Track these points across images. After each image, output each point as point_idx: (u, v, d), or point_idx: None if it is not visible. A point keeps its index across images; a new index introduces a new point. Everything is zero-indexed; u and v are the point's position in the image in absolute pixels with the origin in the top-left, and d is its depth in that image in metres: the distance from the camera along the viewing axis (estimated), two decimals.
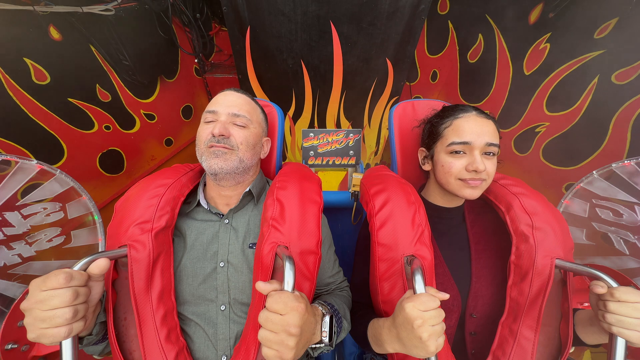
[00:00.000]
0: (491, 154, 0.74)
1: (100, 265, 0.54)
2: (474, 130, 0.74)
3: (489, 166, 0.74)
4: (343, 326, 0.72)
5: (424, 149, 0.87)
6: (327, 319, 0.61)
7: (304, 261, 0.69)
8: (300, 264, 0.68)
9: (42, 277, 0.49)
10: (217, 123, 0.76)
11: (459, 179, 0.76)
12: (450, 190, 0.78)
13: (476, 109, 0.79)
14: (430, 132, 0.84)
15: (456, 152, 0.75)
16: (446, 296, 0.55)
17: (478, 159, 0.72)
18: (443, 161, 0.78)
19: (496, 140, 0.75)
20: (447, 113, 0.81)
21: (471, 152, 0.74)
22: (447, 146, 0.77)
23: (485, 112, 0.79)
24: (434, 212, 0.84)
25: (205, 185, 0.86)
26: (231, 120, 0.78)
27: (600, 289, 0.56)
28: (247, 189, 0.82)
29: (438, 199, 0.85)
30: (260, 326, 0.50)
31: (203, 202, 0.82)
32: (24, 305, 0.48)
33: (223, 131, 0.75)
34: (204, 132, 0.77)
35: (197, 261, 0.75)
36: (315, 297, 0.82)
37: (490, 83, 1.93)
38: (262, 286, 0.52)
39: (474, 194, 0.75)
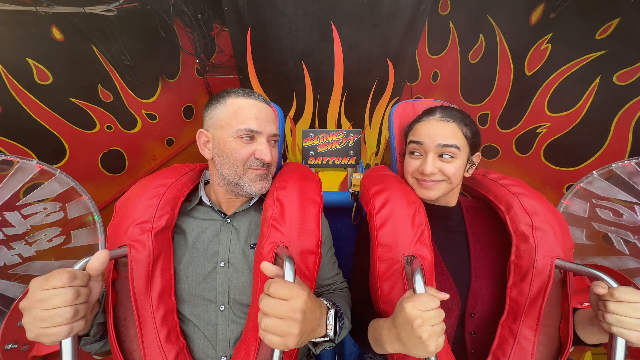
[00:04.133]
0: (449, 155, 0.74)
1: (100, 256, 0.54)
2: (429, 132, 0.76)
3: (447, 168, 0.75)
4: (345, 324, 0.72)
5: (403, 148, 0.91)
6: (332, 312, 0.62)
7: (304, 261, 0.69)
8: (300, 263, 0.68)
9: (44, 276, 0.49)
10: (263, 148, 0.75)
11: (415, 177, 0.80)
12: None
13: (443, 111, 0.79)
14: (405, 134, 0.89)
15: (413, 152, 0.79)
16: (446, 296, 0.55)
17: (428, 161, 0.75)
18: (405, 160, 0.83)
19: (453, 142, 0.74)
20: (417, 117, 0.85)
21: (426, 153, 0.76)
22: (406, 146, 0.82)
23: (454, 112, 0.78)
24: (432, 212, 0.84)
25: (205, 184, 0.86)
26: (269, 140, 0.78)
27: (600, 289, 0.55)
28: None
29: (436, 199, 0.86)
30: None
31: (205, 200, 0.82)
32: (23, 304, 0.48)
33: (271, 159, 0.76)
34: (244, 152, 0.74)
35: (197, 260, 0.75)
36: None
37: (492, 84, 1.92)
38: (267, 266, 0.54)
39: (428, 194, 0.77)
